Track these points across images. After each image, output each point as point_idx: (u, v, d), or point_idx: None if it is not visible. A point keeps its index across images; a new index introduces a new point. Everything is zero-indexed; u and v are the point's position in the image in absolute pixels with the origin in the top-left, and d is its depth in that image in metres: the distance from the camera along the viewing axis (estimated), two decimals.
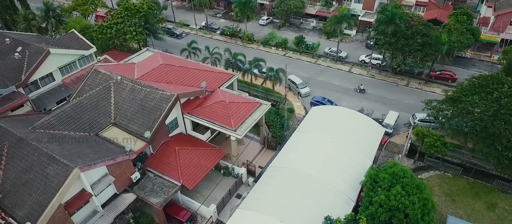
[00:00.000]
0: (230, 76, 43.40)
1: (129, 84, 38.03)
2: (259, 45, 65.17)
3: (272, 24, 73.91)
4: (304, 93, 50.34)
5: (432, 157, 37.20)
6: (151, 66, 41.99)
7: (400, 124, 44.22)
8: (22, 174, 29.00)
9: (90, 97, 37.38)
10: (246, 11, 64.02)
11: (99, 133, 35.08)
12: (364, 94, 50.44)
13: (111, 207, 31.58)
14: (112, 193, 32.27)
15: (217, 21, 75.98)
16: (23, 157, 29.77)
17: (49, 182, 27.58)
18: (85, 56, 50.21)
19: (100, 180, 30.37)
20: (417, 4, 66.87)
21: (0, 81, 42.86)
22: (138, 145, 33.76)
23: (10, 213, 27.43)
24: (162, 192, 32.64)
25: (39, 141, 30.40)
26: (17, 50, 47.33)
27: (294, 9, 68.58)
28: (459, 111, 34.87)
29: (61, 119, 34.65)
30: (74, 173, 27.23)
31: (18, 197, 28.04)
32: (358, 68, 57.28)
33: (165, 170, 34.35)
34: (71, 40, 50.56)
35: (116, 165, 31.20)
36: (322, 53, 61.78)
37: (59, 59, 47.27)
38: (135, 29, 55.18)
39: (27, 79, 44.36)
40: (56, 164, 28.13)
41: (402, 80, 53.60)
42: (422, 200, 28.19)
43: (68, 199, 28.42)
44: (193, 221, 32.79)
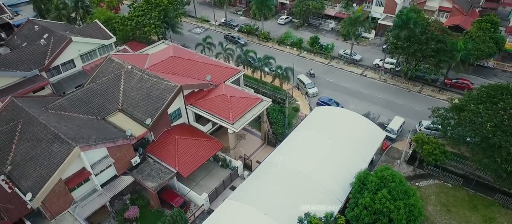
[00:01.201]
0: (236, 72, 44.40)
1: (138, 73, 39.93)
2: (274, 43, 65.75)
3: (290, 24, 74.20)
4: (311, 93, 50.43)
5: (432, 165, 36.28)
6: (161, 57, 43.81)
7: (405, 130, 43.35)
8: (30, 150, 31.45)
9: (101, 83, 39.66)
10: (263, 9, 64.75)
11: (106, 118, 37.19)
12: (367, 96, 49.80)
13: (109, 187, 33.47)
14: (112, 175, 34.16)
15: (237, 18, 77.29)
16: (33, 134, 32.25)
17: (53, 158, 29.77)
18: (105, 45, 53.03)
19: (100, 160, 32.31)
20: (440, 10, 64.82)
21: (26, 65, 46.38)
22: (139, 131, 35.53)
23: (17, 183, 29.87)
24: (158, 178, 34.19)
25: (48, 121, 32.76)
26: (44, 37, 50.90)
27: (312, 9, 68.47)
28: (461, 120, 33.86)
29: (72, 102, 37.09)
30: (75, 151, 29.25)
31: (25, 170, 30.45)
32: (371, 72, 56.50)
33: (163, 157, 35.89)
34: (94, 30, 53.58)
35: (116, 148, 33.05)
36: (336, 55, 61.39)
37: (80, 47, 50.25)
38: (154, 22, 57.46)
39: (50, 64, 47.61)
40: (60, 142, 30.31)
41: (415, 86, 52.34)
42: (408, 206, 27.88)
43: (69, 175, 30.47)
44: (185, 207, 34.04)
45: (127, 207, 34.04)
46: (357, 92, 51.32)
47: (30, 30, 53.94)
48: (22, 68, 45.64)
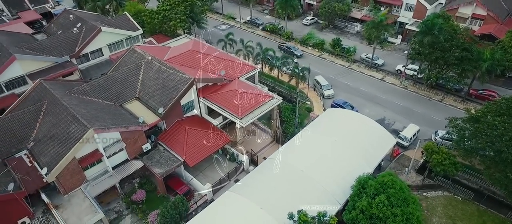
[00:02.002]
0: (251, 69, 45.16)
1: (157, 65, 41.73)
2: (296, 43, 65.78)
3: (315, 25, 73.81)
4: (327, 95, 50.18)
5: (441, 176, 35.13)
6: (181, 51, 45.45)
7: (420, 139, 42.08)
8: (51, 128, 33.99)
9: (122, 72, 41.84)
10: (287, 9, 64.96)
11: (123, 104, 39.27)
12: (384, 102, 48.73)
13: (120, 170, 35.40)
14: (124, 159, 36.12)
15: (263, 17, 77.97)
16: (55, 114, 34.78)
17: (69, 138, 32.01)
18: (132, 36, 55.73)
19: (113, 144, 34.29)
20: (473, 17, 61.92)
21: (58, 51, 49.79)
22: (152, 119, 37.21)
23: (36, 158, 32.43)
24: (166, 165, 35.69)
25: (70, 103, 35.17)
26: (77, 26, 54.29)
27: (338, 11, 67.76)
28: (476, 132, 32.56)
29: (94, 88, 39.47)
30: (89, 133, 31.29)
31: (45, 146, 32.97)
32: (391, 77, 55.19)
33: (173, 146, 37.37)
34: (122, 22, 56.38)
35: (129, 133, 34.91)
36: (358, 58, 60.50)
37: (108, 37, 53.16)
38: (179, 17, 59.46)
39: (80, 51, 50.79)
40: (77, 124, 32.51)
41: (436, 95, 50.54)
42: (406, 214, 27.36)
43: (83, 155, 32.60)
44: (189, 195, 35.30)
45: (135, 190, 35.82)
46: (375, 97, 50.40)
47: (65, 19, 57.71)
48: (55, 54, 49.02)
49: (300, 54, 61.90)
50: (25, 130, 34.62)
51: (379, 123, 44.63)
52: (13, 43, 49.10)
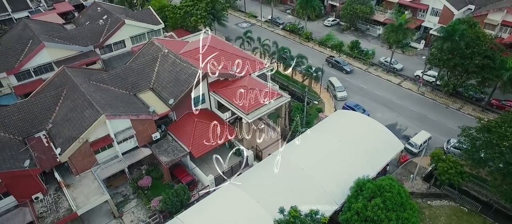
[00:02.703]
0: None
1: (172, 58, 43.23)
2: (315, 44, 65.58)
3: (337, 27, 73.15)
4: (340, 96, 49.83)
5: (447, 184, 34.15)
6: (197, 45, 46.71)
7: (431, 146, 41.06)
8: (68, 112, 36.18)
9: (139, 63, 43.72)
10: (307, 9, 64.87)
11: (137, 94, 41.04)
12: (398, 107, 47.71)
13: (129, 156, 37.09)
14: (133, 146, 37.75)
15: (285, 17, 78.16)
16: (73, 99, 36.99)
17: (83, 122, 33.97)
18: (154, 30, 57.83)
19: (124, 131, 35.98)
20: (503, 24, 59.20)
21: (84, 41, 52.61)
22: (163, 109, 38.67)
23: (53, 139, 34.67)
24: (172, 154, 37.02)
25: (87, 90, 37.25)
26: (103, 18, 57.05)
27: (360, 13, 66.85)
28: (487, 142, 31.47)
29: (111, 77, 41.50)
30: (101, 118, 33.09)
31: (61, 129, 35.17)
32: (409, 83, 53.90)
33: (181, 136, 38.64)
34: (146, 15, 58.63)
35: (139, 122, 36.52)
36: (377, 62, 59.50)
37: (131, 29, 55.48)
38: (200, 13, 60.96)
39: (103, 42, 53.37)
40: (91, 109, 34.44)
41: (454, 103, 48.89)
42: (401, 219, 27.01)
43: (95, 139, 34.48)
44: (192, 185, 36.44)
45: (143, 176, 37.40)
46: (389, 102, 49.50)
47: (93, 11, 60.78)
48: (80, 43, 51.84)
49: (350, 69, 56.36)
50: (45, 113, 37.03)
51: (390, 128, 43.97)
52: (44, 32, 52.31)
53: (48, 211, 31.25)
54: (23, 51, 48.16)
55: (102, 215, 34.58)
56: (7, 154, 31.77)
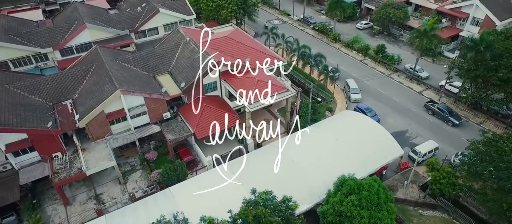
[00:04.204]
0: (278, 61, 47.01)
1: (192, 45, 46.23)
2: (342, 45, 65.21)
3: (369, 30, 71.82)
4: (353, 99, 49.58)
5: (443, 196, 33.17)
6: (217, 36, 49.32)
7: (438, 156, 39.66)
8: (92, 86, 40.57)
9: (162, 48, 47.35)
10: (337, 10, 64.64)
11: (156, 75, 44.57)
12: (413, 115, 46.29)
13: (140, 130, 40.63)
14: (145, 122, 41.24)
15: (318, 17, 78.21)
16: (99, 75, 41.34)
17: (102, 95, 38.02)
18: (186, 20, 61.57)
19: (137, 107, 39.56)
20: None
21: (121, 25, 57.70)
22: (175, 91, 41.74)
23: (76, 108, 39.19)
24: (178, 133, 39.95)
25: (111, 68, 41.35)
26: (142, 5, 61.93)
27: (393, 18, 65.16)
28: (484, 155, 30.23)
29: (135, 58, 45.48)
30: (116, 93, 36.86)
31: (84, 99, 39.62)
32: (431, 92, 51.89)
33: (188, 118, 41.42)
34: (180, 6, 62.52)
35: (151, 100, 39.90)
36: (402, 68, 57.88)
37: (165, 18, 59.65)
38: (231, 7, 63.57)
39: (138, 27, 58.09)
40: (110, 84, 38.39)
41: (476, 117, 46.37)
42: (374, 218, 27.19)
43: (111, 111, 38.37)
44: (192, 164, 39.10)
45: (150, 150, 40.78)
46: (404, 109, 48.28)
47: None
48: (118, 27, 56.96)
49: (458, 122, 44.89)
50: (74, 84, 41.80)
51: (399, 134, 43.40)
52: (89, 15, 58.14)
53: (63, 169, 35.61)
54: (68, 30, 54.24)
55: (110, 180, 38.42)
56: (36, 115, 36.71)
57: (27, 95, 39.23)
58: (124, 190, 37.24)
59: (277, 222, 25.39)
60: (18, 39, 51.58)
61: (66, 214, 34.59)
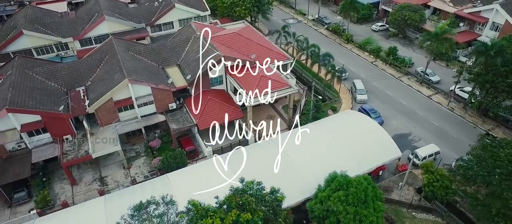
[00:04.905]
0: (284, 58, 47.71)
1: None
2: (354, 46, 64.90)
3: (384, 32, 70.98)
4: (359, 99, 49.49)
5: (437, 200, 32.86)
6: (227, 32, 50.55)
7: (439, 161, 39.16)
8: (104, 74, 42.75)
9: (173, 41, 49.13)
10: (350, 11, 64.38)
11: (165, 67, 46.31)
12: (419, 119, 45.66)
13: (146, 118, 42.41)
14: (152, 111, 42.98)
15: (334, 17, 77.98)
16: (111, 64, 43.46)
17: (111, 83, 40.06)
18: (200, 16, 63.26)
19: (144, 96, 41.35)
20: None
21: (138, 18, 60.09)
22: (181, 83, 43.27)
23: (87, 94, 41.46)
24: (181, 123, 41.47)
25: (123, 58, 43.37)
26: (159, 0, 64.16)
27: (408, 21, 64.20)
28: (479, 159, 29.85)
29: (147, 50, 47.42)
30: (124, 81, 38.76)
31: (96, 86, 41.83)
32: (441, 97, 50.92)
33: (192, 110, 42.82)
34: (195, 2, 64.29)
35: (158, 90, 41.59)
36: (413, 71, 57.05)
37: (180, 13, 61.55)
38: (245, 5, 64.68)
39: (154, 21, 60.28)
40: (120, 73, 40.36)
41: (485, 123, 45.18)
42: (359, 215, 27.47)
43: (119, 99, 40.34)
44: (193, 154, 40.50)
45: (155, 139, 42.52)
46: (410, 112, 47.72)
47: None
48: (135, 20, 59.39)
49: None
50: (88, 72, 44.17)
51: (402, 137, 43.18)
52: (109, 8, 60.84)
53: (72, 150, 37.87)
54: (88, 22, 57.14)
55: (115, 165, 40.39)
56: (51, 99, 39.20)
57: (44, 80, 41.87)
58: (127, 174, 39.11)
59: (262, 211, 26.17)
60: (42, 28, 54.90)
61: (72, 193, 36.82)
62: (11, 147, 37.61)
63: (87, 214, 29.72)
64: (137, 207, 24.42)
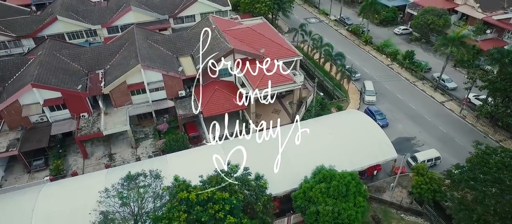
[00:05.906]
0: (294, 55, 48.63)
1: (216, 33, 49.70)
2: (372, 48, 64.22)
3: (407, 36, 69.44)
4: (367, 100, 49.32)
5: (428, 205, 32.58)
6: (241, 27, 52.26)
7: (440, 168, 38.48)
8: (122, 59, 45.93)
9: (189, 33, 51.58)
10: (369, 12, 63.73)
11: (178, 57, 48.80)
12: (426, 124, 44.76)
13: (156, 103, 45.10)
14: (162, 97, 45.61)
15: (356, 18, 77.22)
16: (129, 51, 46.59)
17: (127, 67, 43.06)
18: (222, 11, 65.46)
19: (155, 82, 44.02)
20: None
21: (162, 10, 63.32)
22: (191, 72, 45.52)
23: (105, 77, 44.80)
24: (188, 110, 43.71)
25: (140, 46, 46.32)
26: None
27: (431, 25, 62.54)
28: (471, 165, 29.39)
29: (164, 40, 50.20)
30: (137, 67, 41.59)
31: (113, 70, 45.06)
32: (454, 104, 49.47)
33: (200, 98, 44.95)
34: None
35: (169, 77, 44.10)
36: (429, 77, 55.68)
37: (202, 7, 64.13)
38: (265, 2, 66.02)
39: (177, 14, 63.27)
40: (135, 59, 43.28)
41: (496, 133, 43.51)
42: (338, 207, 28.10)
43: (132, 83, 43.27)
44: (196, 139, 42.60)
45: (163, 122, 45.13)
46: (418, 116, 46.89)
47: None
48: (158, 12, 62.67)
49: None
50: (108, 57, 47.61)
51: (405, 140, 42.90)
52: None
53: (86, 127, 41.27)
54: (116, 11, 61.08)
55: (125, 144, 43.39)
56: (72, 79, 42.85)
57: (69, 62, 45.75)
58: (134, 153, 41.94)
59: (243, 194, 27.59)
60: (75, 15, 59.50)
61: (83, 165, 40.18)
62: (34, 119, 41.61)
63: (89, 182, 32.61)
64: (127, 177, 26.68)
